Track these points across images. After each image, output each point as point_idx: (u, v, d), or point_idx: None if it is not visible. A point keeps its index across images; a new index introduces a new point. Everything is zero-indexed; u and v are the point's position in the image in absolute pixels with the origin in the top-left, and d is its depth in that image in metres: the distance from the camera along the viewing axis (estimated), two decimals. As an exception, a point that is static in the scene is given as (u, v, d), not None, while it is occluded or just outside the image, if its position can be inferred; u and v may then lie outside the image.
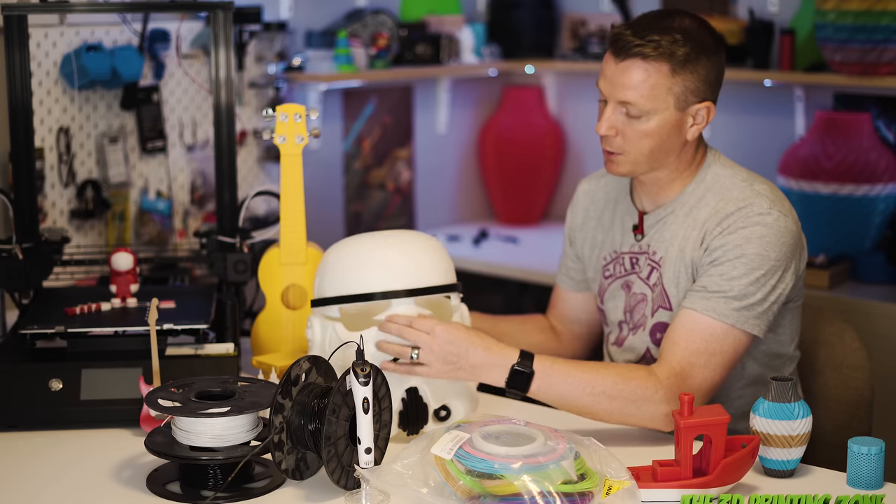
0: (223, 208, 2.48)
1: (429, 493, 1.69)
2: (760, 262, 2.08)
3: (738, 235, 2.09)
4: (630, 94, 2.10)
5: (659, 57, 2.08)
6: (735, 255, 2.08)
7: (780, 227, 2.10)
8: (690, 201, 2.20)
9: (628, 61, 2.10)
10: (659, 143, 2.13)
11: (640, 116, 2.11)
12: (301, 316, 2.42)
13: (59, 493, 1.87)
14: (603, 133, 2.15)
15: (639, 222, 2.26)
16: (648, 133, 2.12)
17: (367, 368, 1.74)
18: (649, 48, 2.08)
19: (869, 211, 3.49)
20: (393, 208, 4.26)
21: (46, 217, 3.03)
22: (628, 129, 2.13)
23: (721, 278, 2.07)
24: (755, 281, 2.07)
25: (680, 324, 2.09)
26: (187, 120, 3.40)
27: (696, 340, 2.06)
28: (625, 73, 2.10)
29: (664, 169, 2.19)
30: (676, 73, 2.09)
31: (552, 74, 4.46)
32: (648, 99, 2.10)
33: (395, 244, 2.12)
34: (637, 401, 2.02)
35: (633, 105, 2.10)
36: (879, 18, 3.32)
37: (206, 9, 2.60)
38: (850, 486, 1.85)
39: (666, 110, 2.11)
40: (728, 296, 2.06)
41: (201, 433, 1.83)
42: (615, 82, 2.12)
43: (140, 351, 2.17)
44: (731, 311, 2.06)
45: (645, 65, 2.09)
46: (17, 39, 2.38)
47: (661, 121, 2.11)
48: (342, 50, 3.76)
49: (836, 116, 3.59)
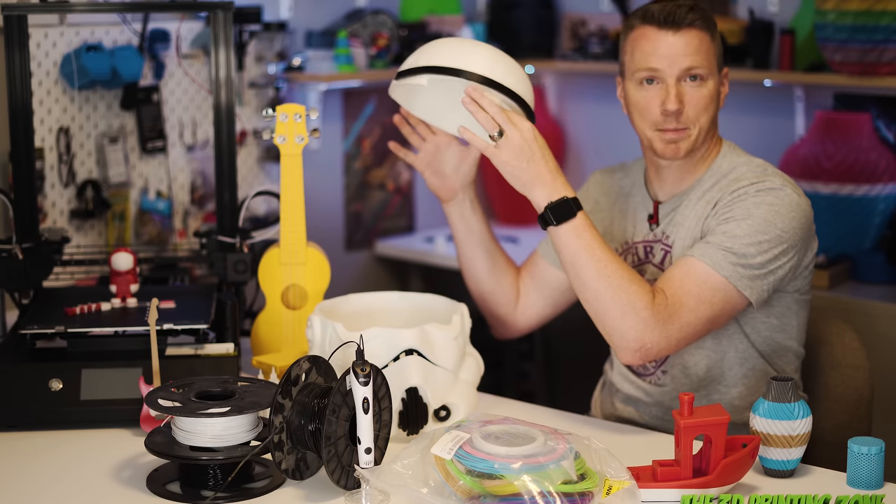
0: (223, 208, 2.48)
1: (429, 493, 1.69)
2: (766, 227, 2.11)
3: (749, 201, 2.14)
4: (696, 59, 2.18)
5: (705, 24, 2.20)
6: (742, 217, 2.12)
7: (791, 201, 2.14)
8: (703, 187, 2.24)
9: (685, 30, 2.18)
10: (714, 109, 2.23)
11: (704, 81, 2.20)
12: (301, 316, 2.42)
13: (59, 492, 1.87)
14: (675, 107, 2.18)
15: (654, 212, 2.28)
16: (711, 97, 2.21)
17: (367, 368, 1.74)
18: (697, 14, 2.19)
19: (869, 211, 3.49)
20: (393, 208, 4.26)
21: (46, 217, 3.04)
22: (695, 98, 2.20)
23: (724, 235, 2.11)
24: (757, 243, 2.10)
25: (677, 266, 2.12)
26: (187, 120, 3.40)
27: (689, 282, 2.09)
28: (684, 42, 2.18)
29: (704, 145, 2.24)
30: (714, 39, 2.22)
31: (552, 74, 4.46)
32: (706, 62, 2.20)
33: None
34: (625, 305, 2.04)
35: (699, 68, 2.18)
36: (879, 18, 3.32)
37: (206, 9, 2.60)
38: (850, 486, 1.85)
39: (714, 75, 2.22)
40: (728, 250, 2.09)
41: (201, 433, 1.83)
42: (677, 52, 2.18)
43: (140, 351, 2.17)
44: (728, 264, 2.08)
45: (700, 32, 2.19)
46: (17, 39, 2.38)
47: (713, 85, 2.21)
48: (342, 50, 3.76)
49: (836, 116, 3.59)
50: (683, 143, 2.20)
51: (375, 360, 2.02)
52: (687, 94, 2.19)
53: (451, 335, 2.10)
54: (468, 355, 2.18)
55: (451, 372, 2.10)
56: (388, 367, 2.03)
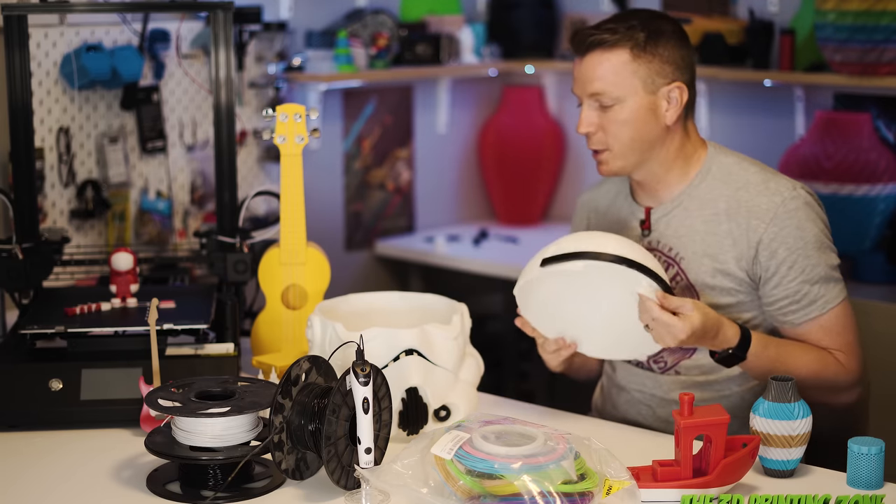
0: (223, 208, 2.48)
1: (429, 493, 1.69)
2: (819, 238, 2.18)
3: (791, 226, 2.15)
4: (598, 85, 2.17)
5: (617, 43, 2.15)
6: (800, 246, 2.15)
7: (808, 201, 2.19)
8: (700, 194, 2.22)
9: (589, 54, 2.18)
10: (638, 129, 2.18)
11: (613, 105, 2.17)
12: (301, 316, 2.42)
13: (59, 492, 1.87)
14: (583, 131, 2.21)
15: (645, 217, 2.27)
16: (625, 120, 2.17)
17: (367, 368, 1.74)
18: (606, 35, 2.16)
19: (869, 211, 3.49)
20: (393, 208, 4.26)
21: (46, 217, 3.04)
22: (605, 122, 2.19)
23: (806, 274, 2.15)
24: (827, 254, 2.18)
25: (819, 330, 2.17)
26: (187, 120, 3.40)
27: (840, 327, 2.18)
28: (588, 66, 2.18)
29: (654, 161, 2.22)
30: (638, 57, 2.16)
31: (552, 74, 4.46)
32: (615, 85, 2.16)
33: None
34: (829, 389, 2.17)
35: (602, 94, 2.17)
36: (879, 18, 3.32)
37: (206, 9, 2.60)
38: (850, 486, 1.85)
39: (635, 95, 2.17)
40: (822, 279, 2.16)
41: (201, 433, 1.83)
42: (582, 78, 2.19)
43: (140, 351, 2.17)
44: (835, 290, 2.17)
45: (605, 53, 2.16)
46: (17, 39, 2.38)
47: (633, 105, 2.17)
48: (342, 50, 3.76)
49: (836, 116, 3.59)
50: (610, 164, 2.22)
51: (375, 360, 2.02)
52: (597, 117, 2.19)
53: (451, 335, 2.10)
54: (468, 355, 2.18)
55: (451, 372, 2.10)
56: (388, 367, 2.03)
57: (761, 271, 2.17)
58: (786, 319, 2.18)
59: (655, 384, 2.28)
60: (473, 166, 4.54)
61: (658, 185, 2.25)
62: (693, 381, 2.25)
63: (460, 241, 4.15)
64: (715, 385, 2.25)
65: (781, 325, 2.20)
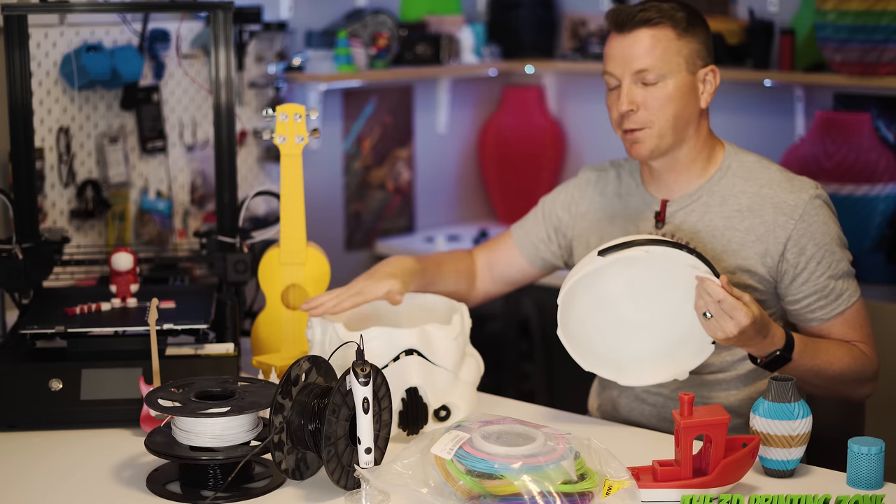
0: (223, 208, 2.48)
1: (429, 493, 1.69)
2: (839, 236, 2.20)
3: (817, 222, 2.17)
4: (645, 61, 2.16)
5: (662, 20, 2.16)
6: (826, 242, 2.18)
7: (827, 198, 2.22)
8: (720, 189, 2.23)
9: (635, 31, 2.17)
10: (680, 108, 2.18)
11: (658, 82, 2.17)
12: (301, 316, 2.42)
13: (59, 492, 1.87)
14: (625, 109, 2.18)
15: (661, 209, 2.27)
16: (669, 97, 2.17)
17: (367, 368, 1.74)
18: (653, 12, 2.16)
19: (869, 211, 3.49)
20: (393, 208, 4.26)
21: (46, 217, 3.04)
22: (649, 99, 2.18)
23: (831, 270, 2.17)
24: (845, 250, 2.21)
25: (843, 324, 2.20)
26: (187, 120, 3.40)
27: (861, 323, 2.22)
28: (635, 43, 2.17)
29: (685, 146, 2.22)
30: (681, 37, 2.17)
31: (552, 74, 4.46)
32: (662, 61, 2.16)
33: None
34: (858, 381, 2.19)
35: (649, 70, 2.16)
36: (879, 18, 3.32)
37: (206, 9, 2.60)
38: (850, 486, 1.85)
39: (679, 73, 2.17)
40: (845, 275, 2.19)
41: (201, 433, 1.83)
42: (626, 55, 2.18)
43: (140, 351, 2.17)
44: (855, 286, 2.21)
45: (652, 30, 2.16)
46: (17, 39, 2.38)
47: (677, 83, 2.17)
48: (342, 50, 3.76)
49: (836, 116, 3.59)
50: (646, 143, 2.19)
51: (375, 360, 2.02)
52: (640, 95, 2.18)
53: (451, 335, 2.10)
54: (468, 355, 2.18)
55: (451, 372, 2.10)
56: (388, 367, 2.03)
57: (788, 267, 2.17)
58: (814, 316, 2.19)
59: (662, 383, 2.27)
60: (473, 166, 4.54)
61: (677, 177, 2.25)
62: (702, 380, 2.24)
63: (460, 241, 4.15)
64: (722, 384, 2.24)
65: (808, 322, 2.20)
